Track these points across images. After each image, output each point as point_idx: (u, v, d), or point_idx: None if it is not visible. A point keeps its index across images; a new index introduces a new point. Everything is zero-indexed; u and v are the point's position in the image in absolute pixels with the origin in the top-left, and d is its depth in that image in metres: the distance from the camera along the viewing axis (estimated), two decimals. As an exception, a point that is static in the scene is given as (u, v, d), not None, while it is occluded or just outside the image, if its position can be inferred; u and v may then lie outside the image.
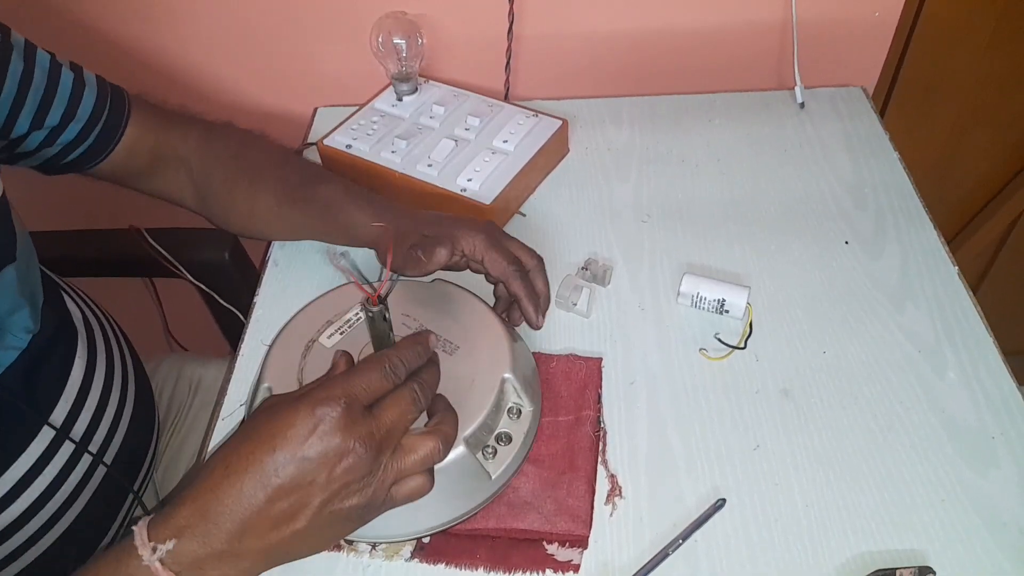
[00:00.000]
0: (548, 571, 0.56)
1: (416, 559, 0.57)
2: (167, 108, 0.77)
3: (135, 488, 0.73)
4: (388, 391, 0.48)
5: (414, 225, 0.68)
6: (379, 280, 0.56)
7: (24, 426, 0.62)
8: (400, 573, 0.56)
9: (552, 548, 0.57)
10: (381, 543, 0.57)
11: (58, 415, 0.65)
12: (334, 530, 0.48)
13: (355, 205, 0.71)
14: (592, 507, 0.59)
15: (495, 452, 0.58)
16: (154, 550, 0.44)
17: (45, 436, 0.63)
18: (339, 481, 0.46)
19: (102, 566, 0.45)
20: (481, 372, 0.59)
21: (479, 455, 0.57)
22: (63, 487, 0.65)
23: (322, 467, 0.45)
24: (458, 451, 0.55)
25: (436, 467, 0.52)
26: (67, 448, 0.65)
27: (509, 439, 0.59)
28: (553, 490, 0.59)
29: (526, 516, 0.57)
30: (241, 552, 0.46)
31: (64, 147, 0.69)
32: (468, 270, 0.68)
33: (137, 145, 0.73)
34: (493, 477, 0.57)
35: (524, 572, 0.56)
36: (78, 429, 0.66)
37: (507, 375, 0.59)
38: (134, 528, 0.45)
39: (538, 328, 0.68)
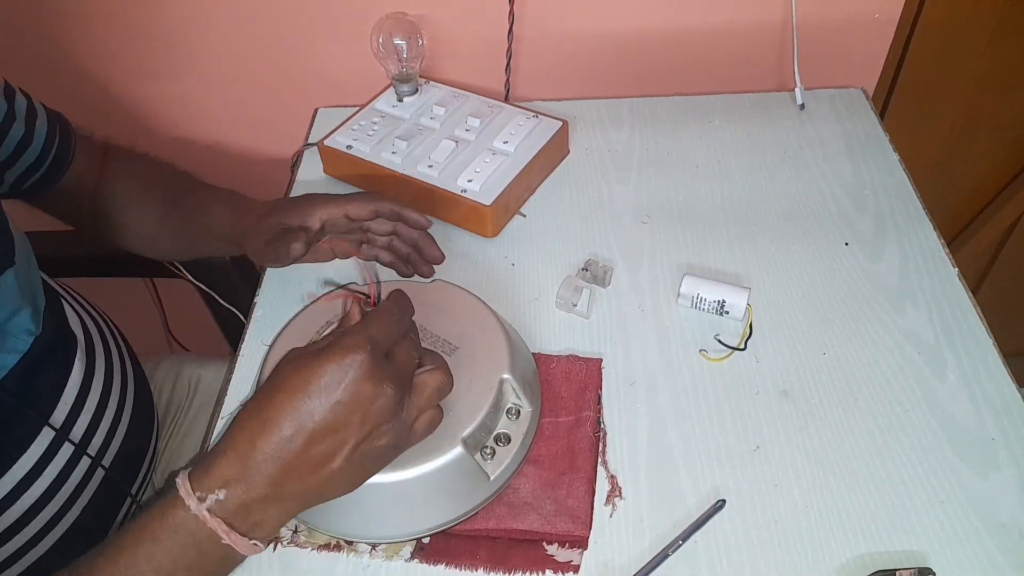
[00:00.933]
0: (548, 571, 0.56)
1: (416, 559, 0.57)
2: (82, 133, 0.79)
3: (133, 491, 0.73)
4: (399, 337, 0.51)
5: (271, 217, 0.70)
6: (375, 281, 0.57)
7: (24, 427, 0.62)
8: (400, 574, 0.56)
9: (552, 549, 0.57)
10: (381, 544, 0.57)
11: (58, 416, 0.65)
12: (366, 469, 0.51)
13: (218, 206, 0.75)
14: (592, 508, 0.59)
15: (493, 453, 0.58)
16: (201, 500, 0.46)
17: (45, 437, 0.63)
18: (371, 422, 0.48)
19: (149, 519, 0.47)
20: (480, 372, 0.59)
21: (477, 456, 0.57)
22: (63, 488, 0.65)
23: (355, 410, 0.47)
24: (456, 451, 0.55)
25: (434, 468, 0.54)
26: (67, 450, 0.65)
27: (508, 440, 0.59)
28: (553, 491, 0.59)
29: (526, 517, 0.57)
30: (283, 495, 0.48)
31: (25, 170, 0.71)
32: (341, 251, 0.74)
33: (84, 173, 0.76)
34: (492, 478, 0.57)
35: (524, 572, 0.56)
36: (77, 431, 0.66)
37: (506, 376, 0.59)
38: (177, 480, 0.47)
39: (442, 259, 0.73)
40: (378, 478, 0.52)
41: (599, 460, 0.62)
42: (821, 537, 0.57)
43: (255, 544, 0.48)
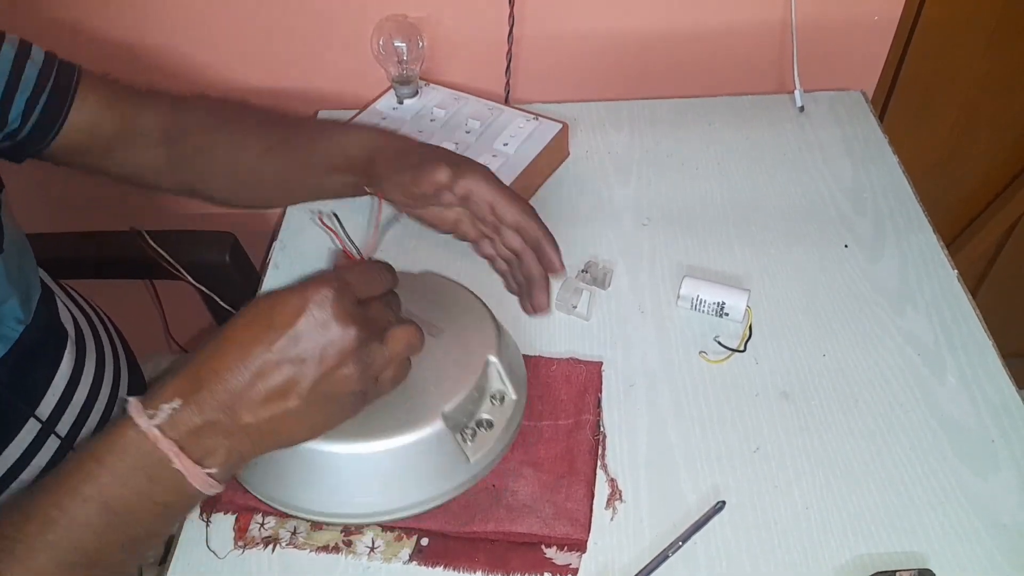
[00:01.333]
0: (547, 574, 0.56)
1: (415, 562, 0.57)
2: (132, 85, 0.74)
3: None
4: (377, 293, 0.50)
5: (415, 172, 0.65)
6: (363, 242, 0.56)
7: (11, 418, 0.62)
8: (384, 564, 0.56)
9: (551, 552, 0.57)
10: (368, 525, 0.57)
11: (44, 409, 0.64)
12: (326, 415, 0.49)
13: (343, 128, 0.72)
14: (591, 511, 0.59)
15: (474, 435, 0.58)
16: (151, 417, 0.44)
17: (31, 429, 0.63)
18: (331, 361, 0.46)
19: (97, 442, 0.45)
20: (465, 352, 0.59)
21: (458, 436, 0.56)
22: None
23: (314, 345, 0.46)
24: (436, 426, 0.54)
25: (411, 442, 0.54)
26: (52, 443, 0.64)
27: (490, 425, 0.59)
28: (552, 494, 0.59)
29: (525, 519, 0.57)
30: (235, 426, 0.46)
31: (16, 125, 0.66)
32: (455, 231, 0.68)
33: (98, 120, 0.70)
34: (471, 460, 0.57)
35: (522, 575, 0.56)
36: (63, 425, 0.66)
37: (492, 358, 0.59)
38: (128, 400, 0.45)
39: (546, 310, 0.66)
40: (350, 448, 0.52)
41: (599, 463, 0.62)
42: (821, 538, 0.57)
43: (209, 477, 0.46)
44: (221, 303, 0.87)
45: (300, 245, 0.81)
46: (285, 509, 0.57)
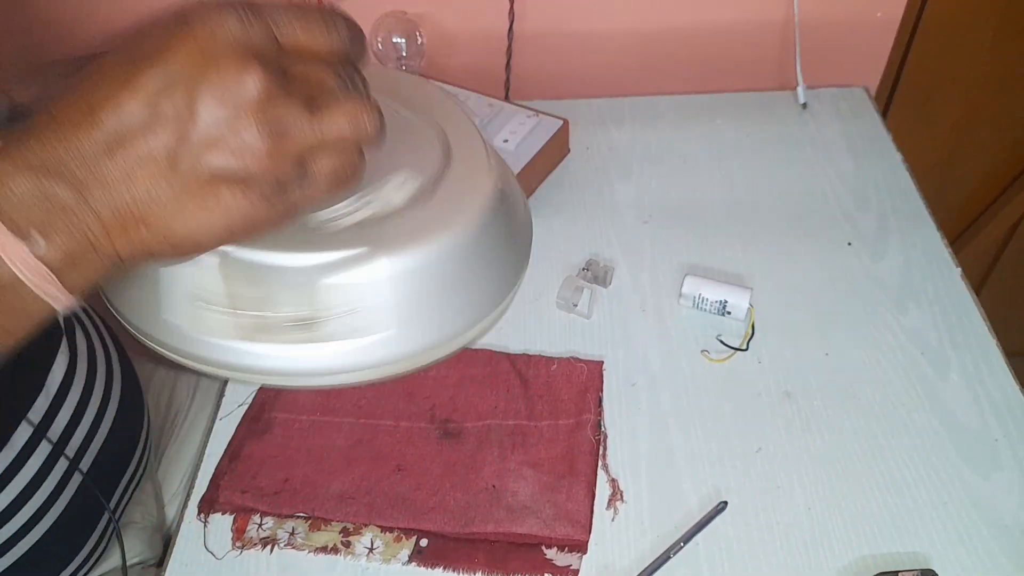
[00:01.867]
0: (547, 575, 0.55)
1: (414, 563, 0.56)
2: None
3: (111, 504, 0.71)
4: (319, 49, 0.33)
5: None
6: None
7: (2, 421, 0.61)
8: (383, 564, 0.56)
9: (551, 552, 0.56)
10: (378, 543, 0.57)
11: (36, 413, 0.64)
12: (223, 208, 0.32)
13: None
14: (592, 512, 0.58)
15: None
16: None
17: (23, 433, 0.62)
18: (217, 117, 0.31)
19: None
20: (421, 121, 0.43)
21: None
22: (40, 489, 0.62)
23: (193, 91, 0.30)
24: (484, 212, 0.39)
25: (386, 277, 0.36)
26: (44, 449, 0.63)
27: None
28: (552, 494, 0.59)
29: (525, 520, 0.57)
30: (82, 206, 0.31)
31: None
32: None
33: None
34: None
35: None
36: (56, 429, 0.65)
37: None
38: None
39: None
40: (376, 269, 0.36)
41: (600, 464, 0.61)
42: (823, 538, 0.57)
43: (40, 263, 0.31)
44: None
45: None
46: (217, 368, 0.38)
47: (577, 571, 0.56)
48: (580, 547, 0.57)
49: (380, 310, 0.37)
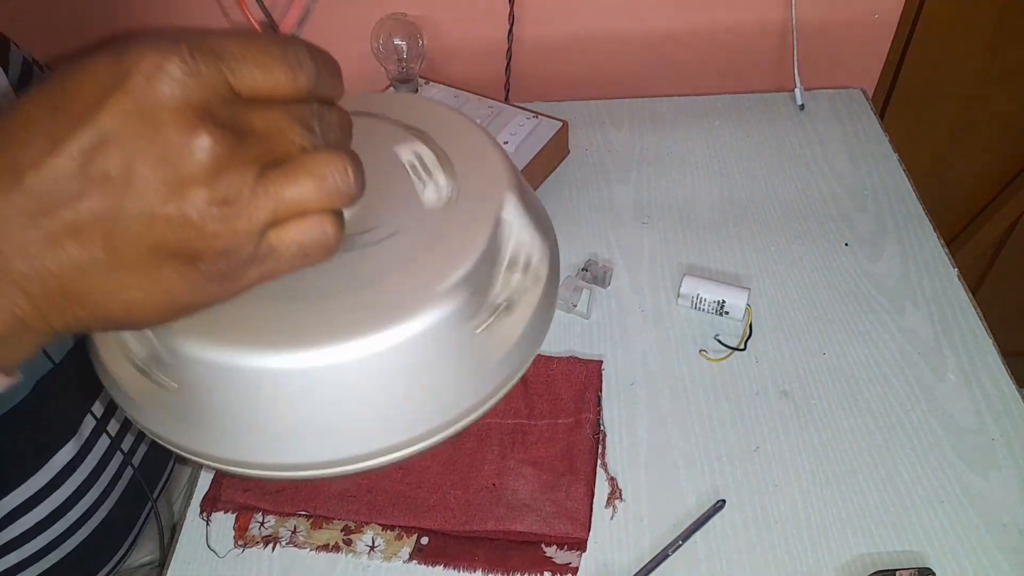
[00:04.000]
0: (547, 573, 0.56)
1: (415, 560, 0.57)
2: None
3: (155, 495, 0.72)
4: (280, 90, 0.28)
5: None
6: None
7: (72, 411, 0.61)
8: (399, 574, 0.56)
9: (551, 550, 0.57)
10: (378, 541, 0.57)
11: (98, 406, 0.64)
12: (165, 282, 0.28)
13: None
14: (591, 510, 0.59)
15: (497, 311, 0.36)
16: None
17: (87, 425, 0.62)
18: (157, 188, 0.26)
19: None
20: (468, 206, 0.37)
21: (468, 325, 0.35)
22: (97, 483, 0.63)
23: (129, 153, 0.26)
24: (436, 312, 0.33)
25: (404, 341, 0.32)
26: (103, 443, 0.63)
27: (511, 307, 0.37)
28: (552, 492, 0.59)
29: (525, 518, 0.57)
30: (4, 275, 0.27)
31: None
32: None
33: None
34: (495, 361, 0.36)
35: (522, 574, 0.56)
36: (114, 424, 0.65)
37: (507, 213, 0.37)
38: None
39: None
40: (319, 357, 0.31)
41: (599, 462, 0.62)
42: (821, 537, 0.57)
43: None
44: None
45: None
46: (240, 470, 0.35)
47: (576, 568, 0.56)
48: (579, 545, 0.57)
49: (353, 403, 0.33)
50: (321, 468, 0.34)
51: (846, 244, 0.78)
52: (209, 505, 0.60)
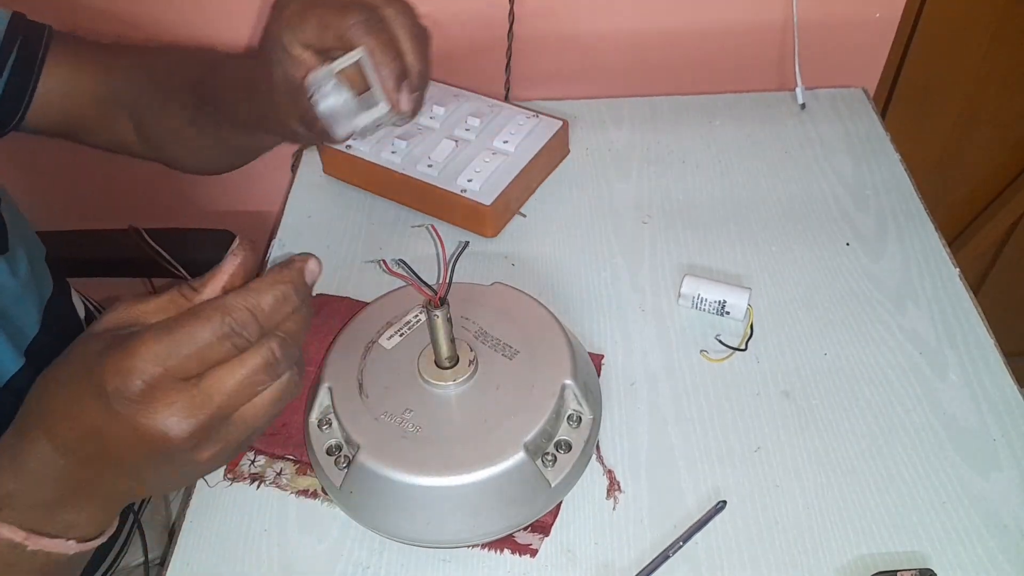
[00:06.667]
0: (506, 551, 0.57)
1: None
2: (100, 42, 0.69)
3: (135, 505, 0.72)
4: (227, 358, 0.37)
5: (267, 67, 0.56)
6: (437, 283, 0.55)
7: None
8: (399, 573, 0.56)
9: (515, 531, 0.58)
10: (439, 547, 0.58)
11: None
12: (176, 477, 0.43)
13: (236, 89, 0.62)
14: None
15: (555, 460, 0.57)
16: None
17: None
18: (138, 462, 0.38)
19: None
20: (541, 377, 0.59)
21: (539, 462, 0.56)
22: None
23: (112, 448, 0.38)
24: (518, 457, 0.54)
25: (495, 474, 0.54)
26: None
27: (569, 447, 0.58)
28: None
29: None
30: (85, 497, 0.41)
31: None
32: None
33: (70, 87, 0.66)
34: (553, 485, 0.56)
35: (483, 550, 0.57)
36: None
37: (568, 381, 0.58)
38: None
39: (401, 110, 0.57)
40: (436, 481, 0.53)
41: (594, 455, 0.61)
42: (822, 538, 0.57)
43: (80, 543, 0.41)
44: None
45: (300, 245, 0.81)
46: (385, 536, 0.57)
47: (536, 551, 0.57)
48: (543, 529, 0.58)
49: None
50: (432, 545, 0.57)
51: (847, 244, 0.77)
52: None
